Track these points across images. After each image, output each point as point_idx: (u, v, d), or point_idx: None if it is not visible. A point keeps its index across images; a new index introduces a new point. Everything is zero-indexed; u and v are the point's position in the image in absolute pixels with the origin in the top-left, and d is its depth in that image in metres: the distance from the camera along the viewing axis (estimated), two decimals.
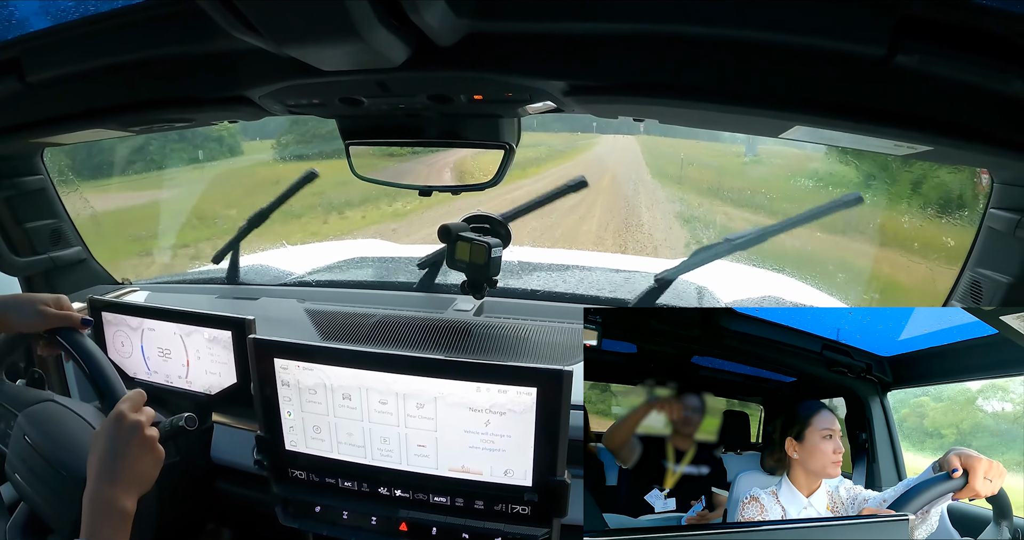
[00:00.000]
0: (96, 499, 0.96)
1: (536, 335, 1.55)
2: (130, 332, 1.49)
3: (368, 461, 1.20)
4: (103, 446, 1.00)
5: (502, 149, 1.17)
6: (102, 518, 0.94)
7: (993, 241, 1.21)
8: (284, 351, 1.19)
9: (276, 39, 0.81)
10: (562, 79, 0.93)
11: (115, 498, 0.96)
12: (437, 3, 0.77)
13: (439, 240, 1.55)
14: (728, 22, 0.80)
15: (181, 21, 0.99)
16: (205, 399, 1.45)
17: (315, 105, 1.13)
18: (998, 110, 0.82)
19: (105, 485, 0.97)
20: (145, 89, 1.15)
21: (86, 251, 1.96)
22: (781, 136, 1.02)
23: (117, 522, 0.95)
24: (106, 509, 0.95)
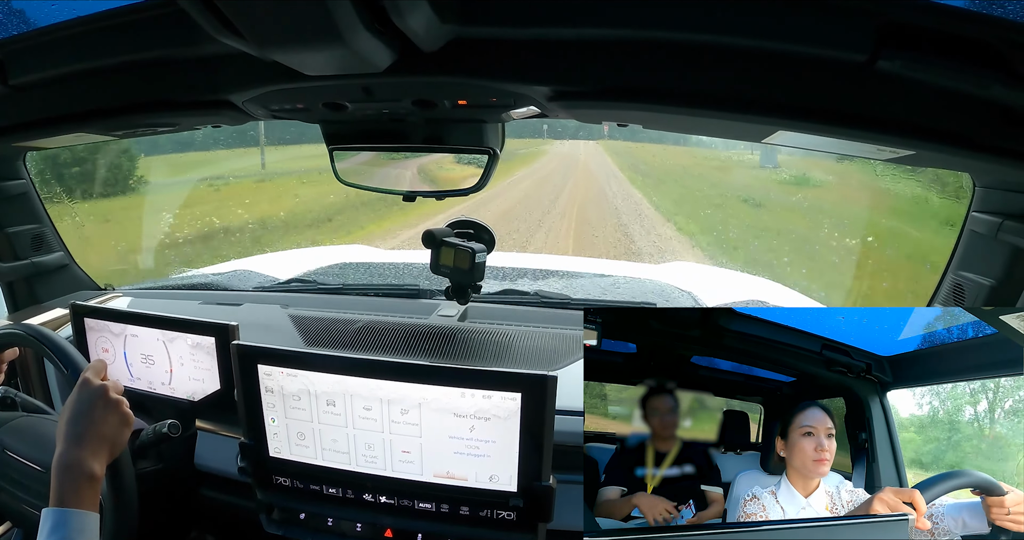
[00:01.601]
0: (63, 463, 0.95)
1: (520, 340, 1.55)
2: (113, 338, 1.47)
3: (353, 468, 1.19)
4: (69, 412, 1.00)
5: (486, 154, 1.17)
6: (69, 481, 0.94)
7: (975, 244, 1.22)
8: (268, 357, 1.19)
9: (260, 43, 0.81)
10: (546, 84, 0.93)
11: (82, 460, 0.96)
12: (422, 8, 0.77)
13: (423, 245, 1.55)
14: (711, 28, 0.81)
15: (165, 25, 0.99)
16: (188, 406, 1.43)
17: (299, 110, 1.12)
18: (979, 114, 0.83)
19: (72, 448, 0.97)
20: (128, 93, 1.14)
21: (68, 256, 1.94)
22: (764, 141, 1.03)
23: (84, 484, 0.94)
24: (74, 472, 0.95)
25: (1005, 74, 0.75)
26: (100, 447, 0.98)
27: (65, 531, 0.90)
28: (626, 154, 21.90)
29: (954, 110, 0.83)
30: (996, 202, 1.16)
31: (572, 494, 1.11)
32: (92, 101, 1.17)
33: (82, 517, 0.92)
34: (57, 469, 0.94)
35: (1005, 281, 1.16)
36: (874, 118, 0.85)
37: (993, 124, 0.84)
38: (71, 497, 0.93)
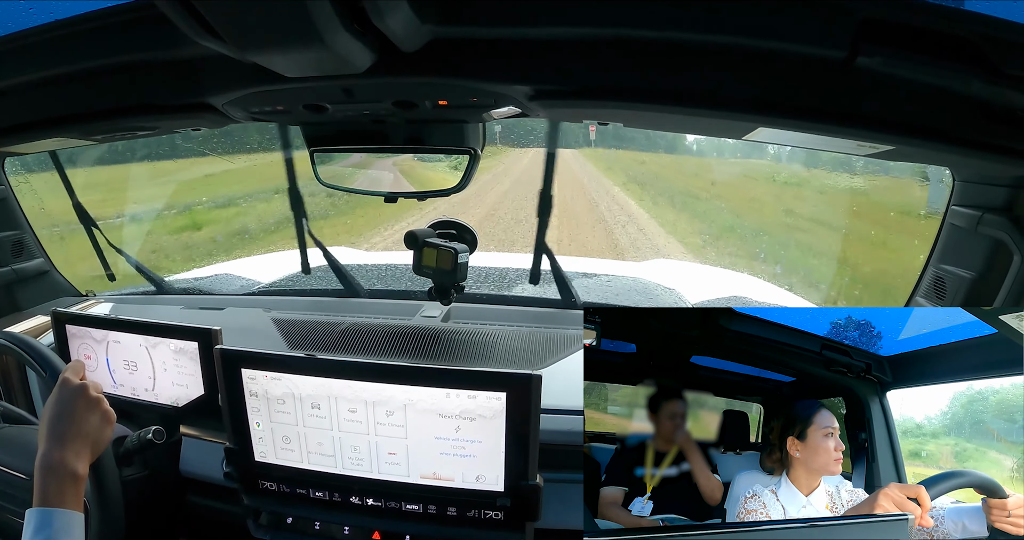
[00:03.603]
0: (46, 463, 0.94)
1: (504, 340, 1.56)
2: (95, 345, 1.46)
3: (339, 470, 1.19)
4: (50, 412, 1.00)
5: (467, 154, 1.18)
6: (52, 481, 0.93)
7: (955, 238, 1.24)
8: (251, 361, 1.18)
9: (239, 45, 0.80)
10: (526, 84, 0.94)
11: (65, 460, 0.95)
12: (401, 9, 0.77)
13: (405, 246, 1.55)
14: (692, 26, 0.81)
15: (144, 27, 0.98)
16: (173, 411, 1.42)
17: (279, 112, 1.12)
18: (957, 110, 0.84)
19: (54, 448, 0.96)
20: (107, 97, 1.13)
21: (49, 263, 1.92)
22: (744, 138, 1.04)
23: (68, 484, 0.94)
24: (56, 472, 0.94)
25: (983, 69, 0.76)
26: (82, 446, 0.98)
27: (49, 531, 0.89)
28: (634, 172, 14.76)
29: (933, 105, 0.84)
30: (975, 196, 1.17)
31: (572, 494, 1.10)
32: (70, 105, 1.16)
33: (66, 516, 0.91)
34: (40, 470, 0.94)
35: (985, 273, 1.17)
36: (854, 114, 0.86)
37: (972, 119, 0.85)
38: (55, 497, 0.92)
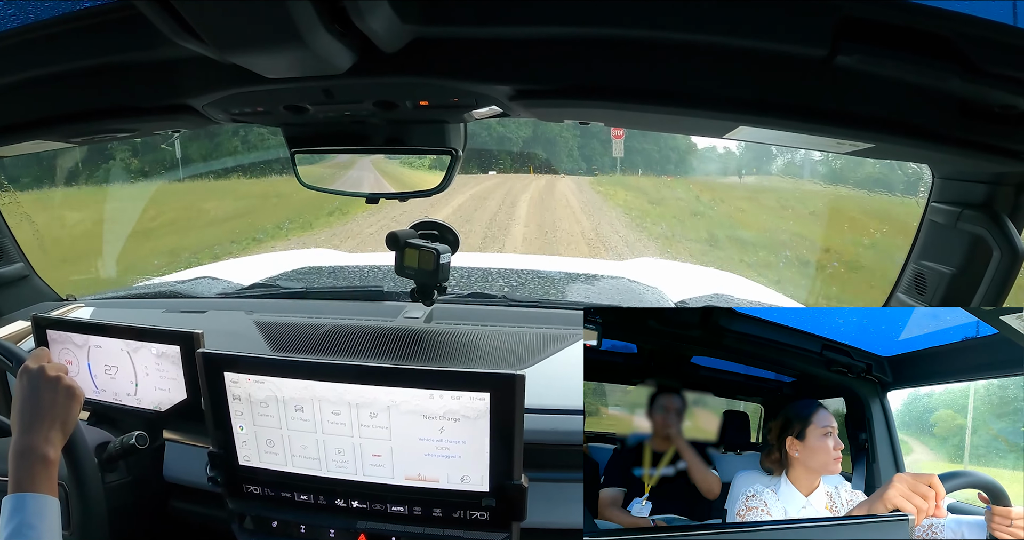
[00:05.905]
0: (16, 450, 0.95)
1: (487, 340, 1.56)
2: (76, 349, 1.44)
3: (323, 473, 1.18)
4: (17, 401, 1.00)
5: (448, 154, 1.18)
6: (24, 467, 0.93)
7: (935, 234, 1.25)
8: (234, 364, 1.17)
9: (219, 46, 0.80)
10: (507, 84, 0.94)
11: (35, 445, 0.95)
12: (382, 9, 0.77)
13: (387, 247, 1.54)
14: (672, 25, 0.81)
15: (123, 28, 0.97)
16: (155, 416, 1.41)
17: (259, 113, 1.11)
18: (937, 107, 0.86)
19: (23, 435, 0.96)
20: (86, 98, 1.12)
21: (28, 267, 1.90)
22: (725, 136, 1.04)
23: (39, 468, 0.94)
24: (27, 457, 0.94)
25: (962, 67, 0.77)
26: (50, 429, 0.98)
27: (23, 515, 0.89)
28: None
29: (913, 103, 0.85)
30: (955, 192, 1.18)
31: (572, 494, 1.10)
32: (49, 108, 1.15)
33: (39, 500, 0.91)
34: (12, 457, 0.94)
35: (965, 269, 1.18)
36: (834, 112, 0.87)
37: (951, 116, 0.86)
38: (26, 482, 0.92)
